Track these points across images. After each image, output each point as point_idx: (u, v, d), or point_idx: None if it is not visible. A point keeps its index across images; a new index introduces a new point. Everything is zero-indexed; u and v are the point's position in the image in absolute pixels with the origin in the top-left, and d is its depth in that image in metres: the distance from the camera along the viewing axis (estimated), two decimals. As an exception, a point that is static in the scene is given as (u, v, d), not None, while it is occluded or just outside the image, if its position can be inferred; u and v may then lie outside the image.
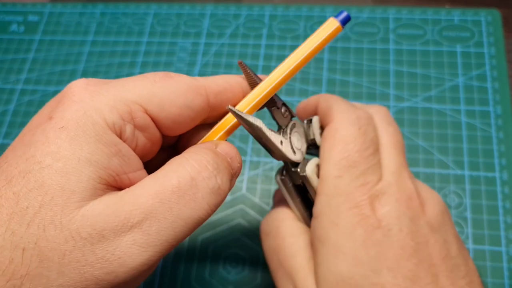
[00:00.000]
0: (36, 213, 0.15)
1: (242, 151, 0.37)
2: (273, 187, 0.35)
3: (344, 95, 0.38)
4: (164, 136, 0.20)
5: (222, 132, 0.20)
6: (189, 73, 0.41)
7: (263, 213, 0.34)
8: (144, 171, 0.18)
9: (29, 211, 0.15)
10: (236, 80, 0.21)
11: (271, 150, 0.21)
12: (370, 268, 0.19)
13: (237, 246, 0.33)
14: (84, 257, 0.15)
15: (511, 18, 0.40)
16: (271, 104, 0.22)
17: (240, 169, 0.19)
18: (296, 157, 0.22)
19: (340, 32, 0.20)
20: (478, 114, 0.36)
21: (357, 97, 0.37)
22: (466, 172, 0.34)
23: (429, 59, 0.38)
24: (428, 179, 0.34)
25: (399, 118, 0.36)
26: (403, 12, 0.41)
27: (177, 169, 0.17)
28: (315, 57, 0.40)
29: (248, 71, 0.21)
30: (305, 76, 0.39)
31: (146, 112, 0.18)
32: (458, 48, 0.39)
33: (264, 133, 0.20)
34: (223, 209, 0.34)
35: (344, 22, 0.20)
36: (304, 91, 0.38)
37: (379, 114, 0.23)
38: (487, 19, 0.40)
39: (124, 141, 0.17)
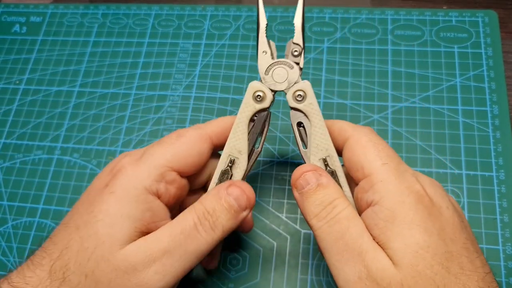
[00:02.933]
0: (93, 252, 0.22)
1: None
2: (272, 186, 0.35)
3: (343, 95, 0.38)
4: (191, 181, 0.27)
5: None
6: (190, 73, 0.41)
7: (263, 211, 0.34)
8: (169, 220, 0.25)
9: (89, 250, 0.22)
10: (231, 121, 0.26)
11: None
12: (439, 238, 0.21)
13: (237, 244, 0.33)
14: (123, 283, 0.21)
15: (508, 19, 0.40)
16: None
17: (249, 202, 0.24)
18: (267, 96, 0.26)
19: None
20: (475, 114, 0.36)
21: (356, 97, 0.38)
22: (464, 172, 0.34)
23: (427, 60, 0.39)
24: (426, 178, 0.34)
25: (397, 118, 0.37)
26: (401, 13, 0.41)
27: (186, 216, 0.23)
28: (314, 58, 0.40)
29: None
30: (304, 77, 0.40)
31: (173, 169, 0.24)
32: (456, 49, 0.39)
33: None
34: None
35: None
36: (303, 91, 0.39)
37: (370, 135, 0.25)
38: (484, 20, 0.40)
39: (160, 196, 0.24)
